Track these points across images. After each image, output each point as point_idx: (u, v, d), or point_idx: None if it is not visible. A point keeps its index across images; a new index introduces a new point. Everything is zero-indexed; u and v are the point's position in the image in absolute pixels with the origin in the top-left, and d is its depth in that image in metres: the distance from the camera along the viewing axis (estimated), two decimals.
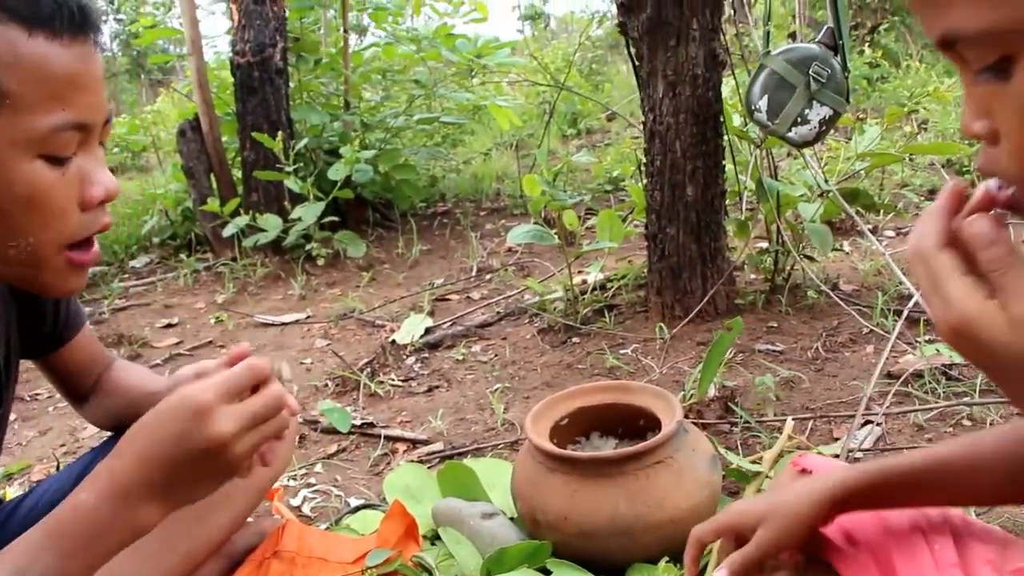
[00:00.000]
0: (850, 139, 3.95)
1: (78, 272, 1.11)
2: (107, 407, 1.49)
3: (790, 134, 2.43)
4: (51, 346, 1.37)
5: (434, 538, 1.66)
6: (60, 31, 0.98)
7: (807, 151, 2.90)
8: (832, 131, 2.57)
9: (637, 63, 2.71)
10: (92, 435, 2.55)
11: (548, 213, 3.15)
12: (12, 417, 2.77)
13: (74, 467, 1.49)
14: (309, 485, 2.01)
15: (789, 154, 4.07)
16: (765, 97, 2.41)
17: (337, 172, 4.02)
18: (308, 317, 3.39)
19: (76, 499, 0.93)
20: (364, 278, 3.74)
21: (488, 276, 3.59)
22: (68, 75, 0.99)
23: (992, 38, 0.65)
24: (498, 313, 3.08)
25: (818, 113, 2.40)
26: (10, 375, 1.28)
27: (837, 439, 1.98)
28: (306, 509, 1.92)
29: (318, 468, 2.09)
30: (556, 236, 2.72)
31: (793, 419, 2.00)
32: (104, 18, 1.76)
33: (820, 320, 2.66)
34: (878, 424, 2.01)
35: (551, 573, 1.49)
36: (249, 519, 1.67)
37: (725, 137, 2.70)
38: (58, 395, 2.85)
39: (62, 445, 2.50)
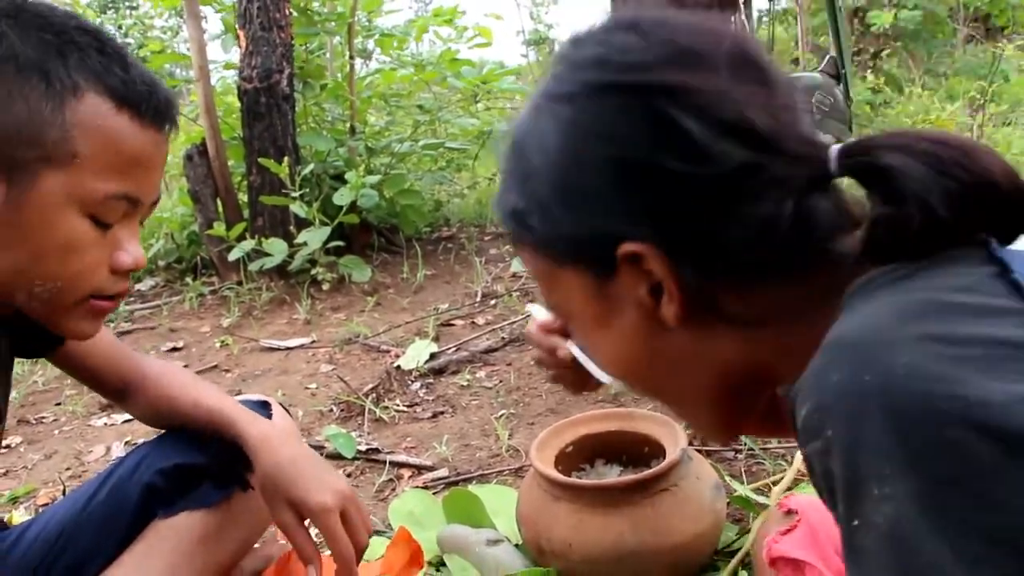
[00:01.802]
0: None
1: (94, 318, 1.16)
2: (151, 412, 1.51)
3: None
4: (51, 344, 1.38)
5: (439, 565, 1.67)
6: (143, 115, 1.07)
7: None
8: None
9: None
10: (98, 459, 2.56)
11: None
12: (18, 440, 2.78)
13: (81, 492, 1.50)
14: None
15: None
16: None
17: (343, 197, 4.04)
18: (313, 342, 3.40)
19: None
20: (369, 303, 3.75)
21: (493, 301, 3.60)
22: (137, 154, 1.08)
23: (554, 311, 0.83)
24: (503, 339, 3.09)
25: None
26: (4, 383, 1.30)
27: None
28: (312, 534, 1.92)
29: None
30: None
31: (797, 447, 2.00)
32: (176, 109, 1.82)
33: None
34: None
35: None
36: (256, 544, 1.68)
37: None
38: (64, 418, 2.88)
39: (67, 468, 2.51)
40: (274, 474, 1.37)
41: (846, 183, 0.71)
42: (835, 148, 0.69)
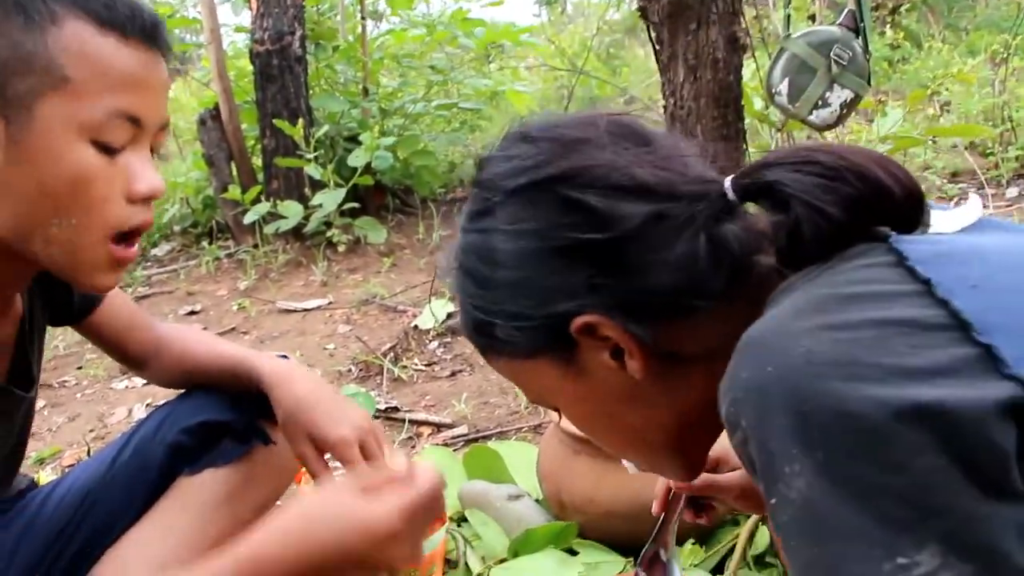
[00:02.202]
0: (871, 122, 3.94)
1: (114, 269, 1.13)
2: (169, 373, 1.51)
3: (811, 117, 2.42)
4: (79, 315, 1.39)
5: (460, 520, 1.68)
6: (130, 36, 1.04)
7: (828, 134, 2.89)
8: (853, 114, 2.56)
9: (657, 47, 2.70)
10: (120, 421, 2.59)
11: None
12: (41, 403, 2.81)
13: (105, 453, 1.51)
14: (335, 468, 2.03)
15: (809, 137, 4.05)
16: (786, 80, 2.41)
17: (357, 159, 4.03)
18: (330, 303, 3.41)
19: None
20: (385, 264, 3.76)
21: None
22: (130, 73, 1.04)
23: (539, 403, 0.91)
24: None
25: (839, 96, 2.39)
26: (38, 349, 1.31)
27: None
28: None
29: None
30: None
31: None
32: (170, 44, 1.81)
33: None
34: None
35: (577, 554, 1.51)
36: (279, 502, 1.69)
37: (746, 121, 2.70)
38: (86, 382, 2.90)
39: (91, 430, 2.54)
40: (293, 409, 1.38)
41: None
42: (728, 179, 0.76)
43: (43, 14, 1.00)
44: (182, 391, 1.54)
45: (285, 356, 1.55)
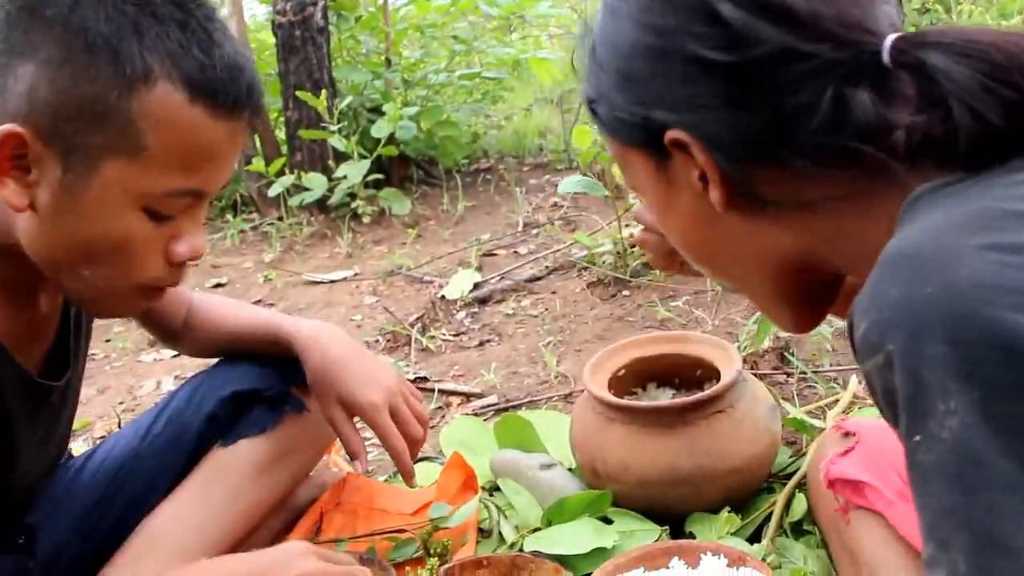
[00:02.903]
0: None
1: (137, 307, 1.14)
2: (201, 343, 1.52)
3: None
4: None
5: (492, 489, 1.67)
6: (220, 107, 0.98)
7: None
8: None
9: None
10: (149, 393, 2.59)
11: (596, 166, 3.12)
12: None
13: (138, 424, 1.51)
14: (365, 439, 2.01)
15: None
16: None
17: (381, 129, 4.00)
18: (356, 274, 3.40)
19: None
20: (410, 235, 3.74)
21: (535, 231, 3.57)
22: (208, 149, 0.99)
23: (634, 191, 0.85)
24: (546, 267, 3.06)
25: None
26: (85, 333, 1.30)
27: None
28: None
29: None
30: (605, 188, 2.70)
31: (851, 370, 1.98)
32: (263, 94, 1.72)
33: None
34: None
35: (612, 522, 1.49)
36: (311, 472, 1.69)
37: None
38: (114, 354, 2.91)
39: (121, 403, 2.54)
40: (323, 371, 1.37)
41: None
42: (890, 38, 0.66)
43: (136, 70, 0.93)
44: (213, 361, 1.54)
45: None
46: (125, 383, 2.71)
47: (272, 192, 4.00)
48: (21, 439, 1.17)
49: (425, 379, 2.32)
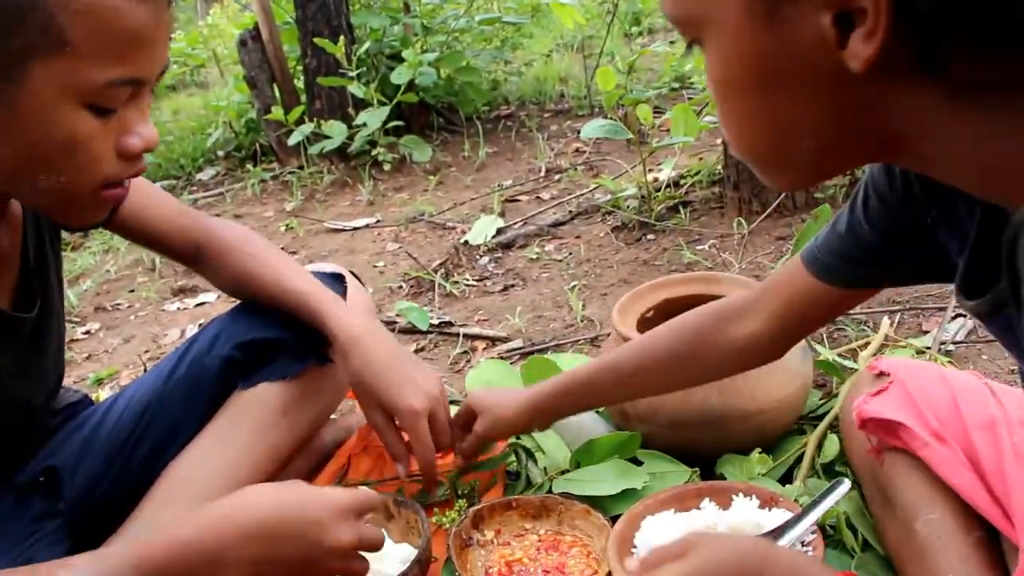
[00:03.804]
0: None
1: (103, 207, 1.09)
2: (227, 278, 1.49)
3: None
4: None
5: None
6: None
7: None
8: None
9: None
10: (173, 341, 2.60)
11: (619, 109, 3.07)
12: (97, 326, 2.82)
13: (160, 368, 1.50)
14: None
15: None
16: None
17: (400, 76, 3.96)
18: (378, 221, 3.38)
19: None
20: (431, 182, 3.71)
21: (557, 176, 3.53)
22: (136, 32, 0.95)
23: (680, 21, 0.68)
24: (570, 212, 3.03)
25: None
26: (53, 260, 1.27)
27: (926, 332, 1.93)
28: None
29: None
30: (629, 131, 2.66)
31: (881, 312, 1.95)
32: None
33: None
34: (969, 317, 1.95)
35: (641, 464, 1.48)
36: (335, 416, 1.68)
37: None
38: (138, 304, 2.91)
39: (146, 351, 2.55)
40: (365, 376, 1.37)
41: None
42: None
43: None
44: (235, 305, 1.52)
45: (339, 275, 1.51)
46: (149, 332, 2.71)
47: (292, 141, 3.97)
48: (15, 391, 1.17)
49: (450, 324, 2.30)
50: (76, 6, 0.90)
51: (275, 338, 1.44)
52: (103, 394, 2.19)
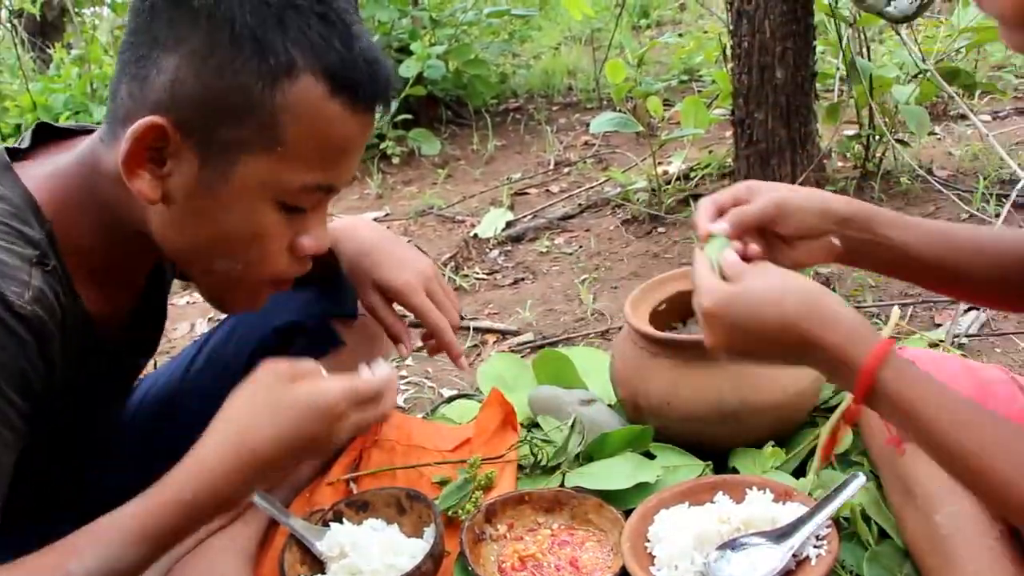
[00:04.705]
0: (941, 22, 3.77)
1: (261, 299, 1.11)
2: None
3: (888, 8, 2.30)
4: None
5: (531, 426, 1.65)
6: (358, 100, 0.97)
7: (902, 29, 2.76)
8: (930, 7, 2.43)
9: None
10: (183, 335, 2.60)
11: (628, 102, 3.07)
12: None
13: (177, 363, 1.51)
14: (402, 377, 2.02)
15: (874, 38, 3.89)
16: None
17: (408, 69, 3.95)
18: (387, 215, 3.38)
19: (178, 497, 0.95)
20: (440, 175, 3.71)
21: (566, 169, 3.53)
22: (343, 143, 0.99)
23: None
24: (579, 205, 3.03)
25: None
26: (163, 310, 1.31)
27: (939, 325, 1.92)
28: (400, 400, 1.93)
29: (408, 360, 2.09)
30: (639, 124, 2.65)
31: (893, 305, 1.94)
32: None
33: (915, 206, 2.57)
34: (983, 310, 1.94)
35: (655, 458, 1.48)
36: None
37: (815, 16, 2.59)
38: None
39: None
40: (357, 258, 1.37)
41: None
42: None
43: (280, 63, 0.92)
44: None
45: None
46: None
47: None
48: (97, 412, 1.20)
49: (460, 317, 2.29)
50: (299, 111, 0.94)
51: (291, 323, 1.44)
52: None
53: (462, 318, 2.26)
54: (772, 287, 0.91)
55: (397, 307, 1.38)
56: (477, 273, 2.61)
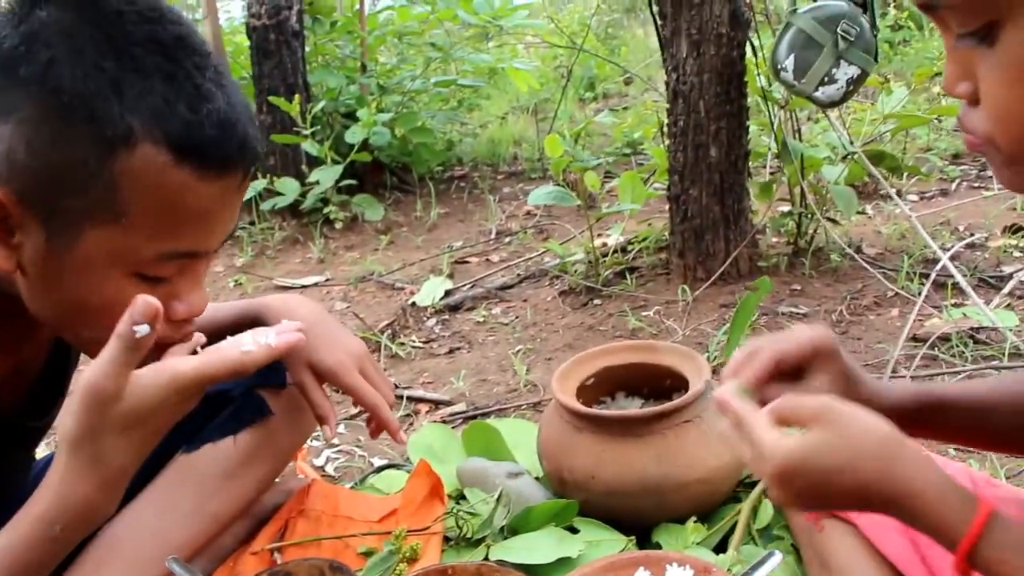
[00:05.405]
0: (873, 104, 3.91)
1: (148, 362, 1.04)
2: None
3: (817, 94, 2.39)
4: None
5: (459, 498, 1.65)
6: (209, 167, 0.92)
7: (831, 112, 2.86)
8: (857, 93, 2.53)
9: (660, 22, 2.67)
10: None
11: (568, 175, 3.13)
12: None
13: None
14: (332, 445, 2.01)
15: (808, 118, 4.02)
16: (792, 56, 2.37)
17: (354, 135, 4.00)
18: (327, 280, 3.38)
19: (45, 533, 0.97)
20: (382, 241, 3.73)
21: (507, 239, 3.57)
22: (199, 211, 0.93)
23: (977, 4, 0.65)
24: (518, 275, 3.06)
25: (846, 72, 2.36)
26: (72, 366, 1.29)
27: None
28: (330, 469, 1.92)
29: (340, 428, 2.09)
30: (577, 197, 2.70)
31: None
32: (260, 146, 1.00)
33: (844, 283, 2.64)
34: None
35: (579, 532, 1.49)
36: (276, 479, 1.67)
37: (749, 98, 2.67)
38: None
39: None
40: None
41: None
42: None
43: (116, 132, 0.87)
44: None
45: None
46: None
47: (244, 196, 3.97)
48: None
49: (394, 386, 2.30)
50: (141, 181, 0.89)
51: (217, 391, 1.43)
52: (40, 449, 2.16)
53: (396, 387, 2.27)
54: (841, 447, 0.79)
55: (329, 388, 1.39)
56: (414, 341, 2.62)
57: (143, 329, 0.89)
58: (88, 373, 0.92)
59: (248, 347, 1.01)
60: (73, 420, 0.93)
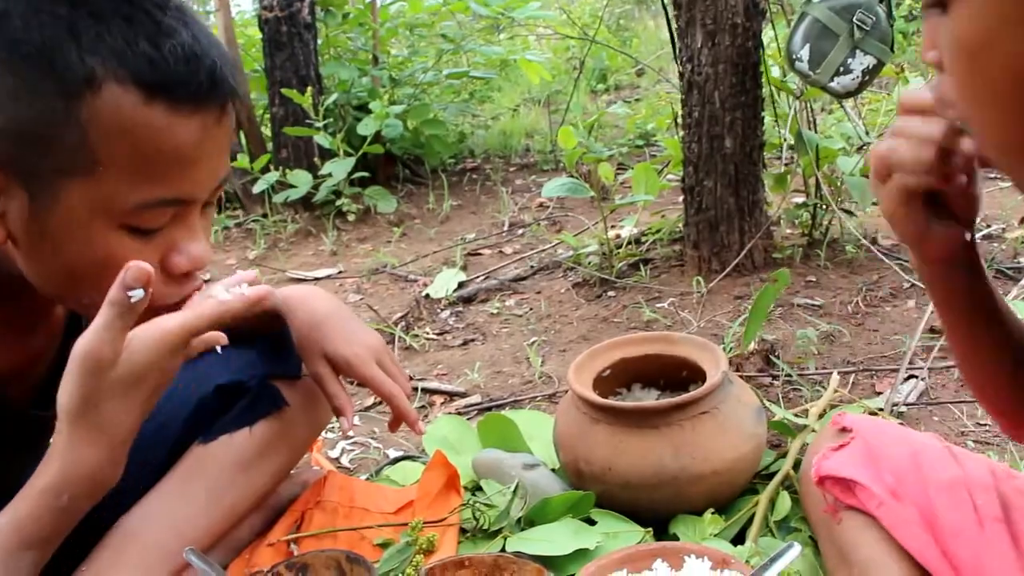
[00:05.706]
0: (888, 94, 3.88)
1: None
2: None
3: (832, 84, 2.37)
4: None
5: (475, 489, 1.65)
6: (181, 102, 0.89)
7: (847, 103, 2.85)
8: (872, 83, 2.51)
9: (675, 12, 2.66)
10: None
11: (581, 167, 3.12)
12: None
13: None
14: (347, 437, 2.01)
15: (823, 109, 4.00)
16: (807, 46, 2.36)
17: (367, 127, 3.99)
18: (340, 272, 3.38)
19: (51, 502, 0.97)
20: (395, 233, 3.73)
21: (520, 231, 3.56)
22: (175, 152, 0.90)
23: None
24: (531, 267, 3.05)
25: (861, 62, 2.34)
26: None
27: (880, 393, 1.96)
28: (345, 461, 1.93)
29: (356, 420, 2.08)
30: (590, 189, 2.69)
31: (835, 372, 1.97)
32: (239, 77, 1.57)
33: (859, 275, 2.62)
34: (922, 379, 1.98)
35: (595, 523, 1.48)
36: (292, 471, 1.67)
37: (764, 88, 2.66)
38: None
39: None
40: (309, 328, 1.36)
41: None
42: None
43: (78, 77, 0.84)
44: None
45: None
46: None
47: (257, 189, 3.98)
48: (10, 467, 1.15)
49: (409, 378, 2.30)
50: (111, 125, 0.86)
51: (234, 382, 1.43)
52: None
53: (411, 379, 2.26)
54: None
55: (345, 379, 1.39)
56: (427, 333, 2.62)
57: (137, 294, 0.88)
58: (83, 340, 0.91)
59: (224, 296, 1.01)
60: (72, 389, 0.93)
